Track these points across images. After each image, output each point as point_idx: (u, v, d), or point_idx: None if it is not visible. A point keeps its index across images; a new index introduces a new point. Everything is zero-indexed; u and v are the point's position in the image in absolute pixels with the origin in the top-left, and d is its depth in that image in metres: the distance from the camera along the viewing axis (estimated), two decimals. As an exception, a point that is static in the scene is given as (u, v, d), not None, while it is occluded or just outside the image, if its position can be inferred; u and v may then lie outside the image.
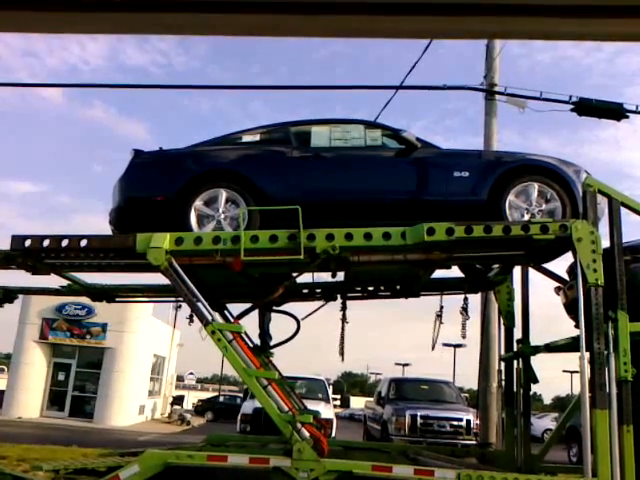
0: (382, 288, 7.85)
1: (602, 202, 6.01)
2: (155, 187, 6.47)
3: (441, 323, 7.38)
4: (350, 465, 5.38)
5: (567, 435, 14.88)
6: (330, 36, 1.45)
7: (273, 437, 7.67)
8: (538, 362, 7.46)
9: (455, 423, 12.83)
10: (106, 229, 6.72)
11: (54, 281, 7.30)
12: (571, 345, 6.24)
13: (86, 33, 1.53)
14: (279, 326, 8.22)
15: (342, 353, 7.51)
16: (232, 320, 7.15)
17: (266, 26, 1.40)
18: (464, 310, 7.33)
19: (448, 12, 1.28)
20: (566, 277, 7.22)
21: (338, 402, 19.41)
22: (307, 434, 5.40)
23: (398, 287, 7.72)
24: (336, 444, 7.82)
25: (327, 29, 1.40)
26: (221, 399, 38.46)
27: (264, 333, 8.01)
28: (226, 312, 7.69)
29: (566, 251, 6.08)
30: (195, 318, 5.95)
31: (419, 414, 12.78)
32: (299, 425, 5.40)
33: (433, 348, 7.51)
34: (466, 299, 7.39)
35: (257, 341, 7.92)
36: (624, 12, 1.26)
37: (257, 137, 6.78)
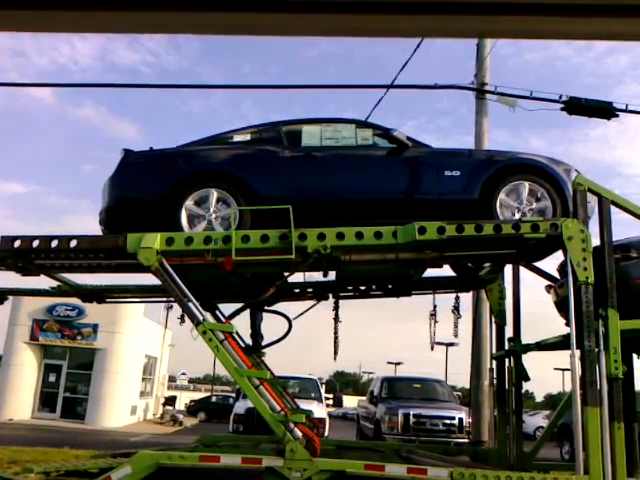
0: (374, 287, 7.86)
1: (592, 201, 6.04)
2: (145, 187, 6.44)
3: (436, 322, 7.40)
4: (343, 464, 5.39)
5: (559, 432, 14.94)
6: (321, 35, 1.45)
7: (266, 437, 7.67)
8: (529, 360, 7.50)
9: (447, 421, 12.84)
10: (97, 230, 6.69)
11: (44, 282, 7.27)
12: (562, 343, 6.27)
13: (76, 32, 1.52)
14: (271, 326, 8.21)
15: (336, 352, 7.51)
16: (223, 320, 7.14)
17: (258, 25, 1.39)
18: (456, 309, 7.37)
19: (438, 11, 1.27)
20: (557, 275, 7.25)
21: (331, 401, 19.37)
22: (300, 434, 5.40)
23: (390, 286, 7.73)
24: (329, 443, 7.82)
25: (318, 28, 1.40)
26: (213, 399, 38.38)
27: (256, 333, 8.00)
28: (217, 312, 7.67)
29: (557, 250, 6.11)
30: (186, 318, 5.93)
31: (412, 413, 12.78)
32: (292, 425, 5.40)
33: (432, 348, 7.53)
34: (458, 298, 7.43)
35: (249, 341, 7.91)
36: (613, 11, 1.26)
37: (248, 137, 6.77)
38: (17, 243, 6.00)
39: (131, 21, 1.39)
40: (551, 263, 7.13)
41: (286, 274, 6.50)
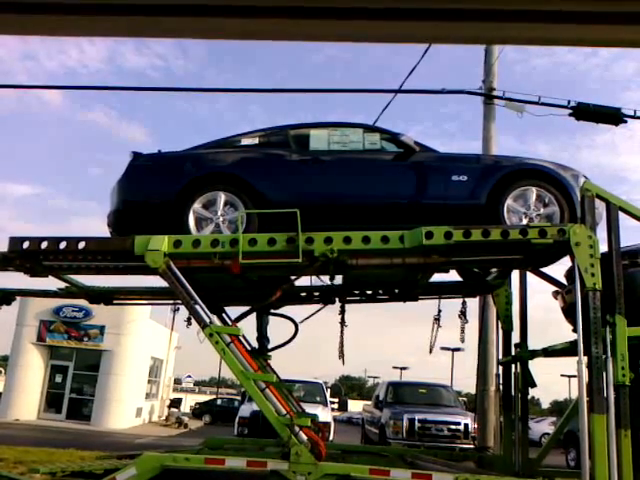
0: (380, 292, 7.84)
1: (600, 206, 6.01)
2: (153, 189, 6.46)
3: (439, 327, 7.38)
4: (348, 468, 5.38)
5: (565, 439, 14.82)
6: (329, 40, 1.46)
7: (271, 440, 7.67)
8: (536, 366, 7.48)
9: (453, 427, 12.79)
10: (105, 232, 6.72)
11: (52, 283, 7.30)
12: (569, 349, 6.25)
13: (84, 36, 1.53)
14: (277, 329, 8.22)
15: (342, 357, 7.50)
16: (230, 323, 7.14)
17: (265, 30, 1.40)
18: (462, 314, 7.34)
19: (446, 18, 1.28)
20: (564, 281, 7.23)
21: (336, 405, 19.30)
22: (305, 437, 5.40)
23: (396, 291, 7.72)
24: (334, 447, 7.81)
25: (326, 33, 1.41)
26: (219, 402, 38.39)
27: (262, 336, 8.00)
28: (224, 315, 7.68)
29: (564, 255, 6.09)
30: (193, 321, 5.95)
31: (417, 418, 12.74)
32: (297, 428, 5.40)
33: (431, 351, 7.52)
34: (464, 303, 7.41)
35: (255, 344, 7.91)
36: (620, 19, 1.26)
37: (256, 140, 6.78)
38: (26, 244, 6.03)
39: (139, 26, 1.40)
40: (558, 269, 7.12)
41: (293, 278, 6.51)
